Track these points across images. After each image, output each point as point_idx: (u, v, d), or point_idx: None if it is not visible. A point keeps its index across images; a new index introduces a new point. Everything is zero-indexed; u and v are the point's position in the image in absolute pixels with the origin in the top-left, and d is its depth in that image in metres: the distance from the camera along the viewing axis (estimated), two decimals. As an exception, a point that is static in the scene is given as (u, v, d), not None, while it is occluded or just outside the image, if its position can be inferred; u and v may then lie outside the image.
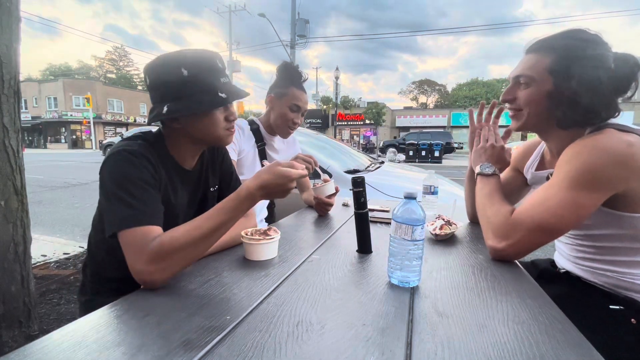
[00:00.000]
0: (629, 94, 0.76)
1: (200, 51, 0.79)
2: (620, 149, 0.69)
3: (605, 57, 0.74)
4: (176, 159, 0.85)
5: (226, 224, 0.70)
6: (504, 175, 1.17)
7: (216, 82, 0.78)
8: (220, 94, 0.77)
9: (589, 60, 0.73)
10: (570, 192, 0.71)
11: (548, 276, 0.96)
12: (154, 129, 0.89)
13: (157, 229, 0.69)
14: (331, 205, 1.34)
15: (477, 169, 0.99)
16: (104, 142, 16.75)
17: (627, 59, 0.74)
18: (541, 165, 0.99)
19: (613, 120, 0.78)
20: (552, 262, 1.02)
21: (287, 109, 1.40)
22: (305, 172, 0.74)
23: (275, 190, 0.71)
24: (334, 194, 1.34)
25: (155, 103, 0.79)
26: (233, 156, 1.35)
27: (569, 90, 0.75)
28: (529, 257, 0.90)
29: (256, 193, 0.70)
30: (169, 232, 0.67)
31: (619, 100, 0.77)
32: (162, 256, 0.64)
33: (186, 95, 0.76)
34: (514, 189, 1.14)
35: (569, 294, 0.83)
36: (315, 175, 1.42)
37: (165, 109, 0.75)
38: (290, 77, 1.40)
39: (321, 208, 1.34)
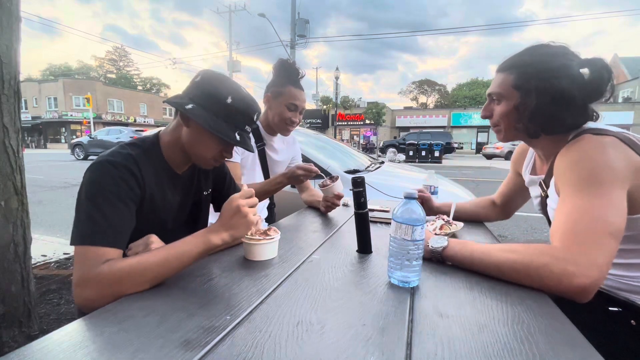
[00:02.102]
0: (606, 95, 0.77)
1: (251, 98, 0.84)
2: (599, 152, 0.70)
3: (567, 67, 0.77)
4: (169, 164, 0.86)
5: (180, 258, 0.68)
6: (507, 179, 1.19)
7: (241, 124, 0.83)
8: (236, 134, 0.81)
9: (548, 72, 0.77)
10: (596, 197, 0.67)
11: None
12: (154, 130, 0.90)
13: (112, 252, 0.67)
14: (341, 197, 1.34)
15: (434, 248, 0.81)
16: (72, 141, 16.57)
17: (594, 63, 0.76)
18: (534, 169, 1.00)
19: (590, 125, 0.80)
20: None
21: (284, 108, 1.38)
22: (251, 191, 0.77)
23: (230, 218, 0.73)
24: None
25: (185, 95, 0.81)
26: (236, 158, 1.34)
27: (531, 103, 0.80)
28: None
29: (213, 227, 0.73)
30: (120, 260, 0.66)
31: (595, 103, 0.79)
32: (108, 283, 0.63)
33: (214, 112, 0.78)
34: (518, 191, 1.15)
35: None
36: (317, 176, 1.42)
37: (190, 105, 0.77)
38: (286, 75, 1.38)
39: (329, 206, 1.35)
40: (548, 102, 0.78)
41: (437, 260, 0.81)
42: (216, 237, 0.72)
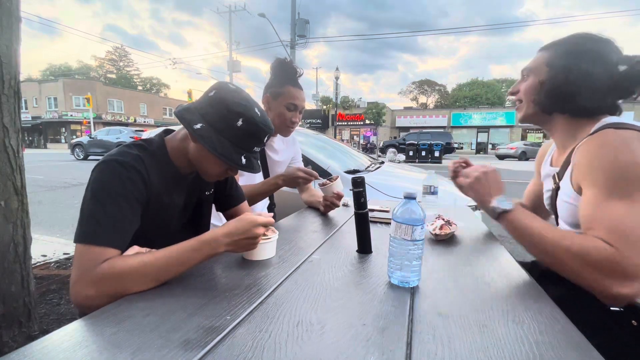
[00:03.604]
0: (635, 94, 0.78)
1: (264, 119, 0.81)
2: (626, 150, 0.69)
3: (602, 55, 0.77)
4: (175, 165, 0.86)
5: (184, 263, 0.68)
6: (532, 181, 1.15)
7: (249, 147, 0.81)
8: (242, 158, 0.80)
9: (584, 54, 0.78)
10: (628, 199, 0.66)
11: (550, 277, 0.95)
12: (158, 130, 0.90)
13: (112, 253, 0.67)
14: (341, 196, 1.34)
15: (496, 206, 0.81)
16: (72, 141, 16.53)
17: (631, 60, 0.75)
18: (552, 162, 0.98)
19: (611, 120, 0.78)
20: None
21: (284, 108, 1.36)
22: (271, 220, 0.76)
23: (241, 237, 0.71)
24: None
25: (196, 110, 0.78)
26: None
27: (557, 79, 0.81)
28: (531, 257, 0.89)
29: (221, 239, 0.70)
30: (122, 259, 0.66)
31: (622, 99, 0.80)
32: (107, 282, 0.63)
33: (222, 134, 0.77)
34: (542, 191, 1.13)
35: (571, 295, 0.82)
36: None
37: (198, 125, 0.76)
38: (285, 75, 1.37)
39: (328, 206, 1.35)
40: (569, 80, 0.78)
41: (491, 216, 0.83)
42: (222, 248, 0.72)
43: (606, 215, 0.68)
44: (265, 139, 0.84)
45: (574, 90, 0.79)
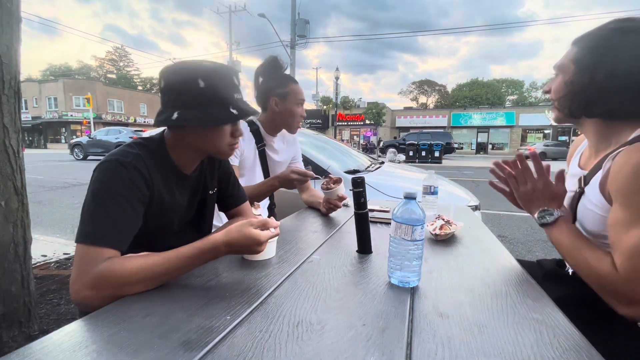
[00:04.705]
0: None
1: (219, 65, 0.79)
2: None
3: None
4: (176, 164, 0.85)
5: (182, 269, 0.68)
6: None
7: (230, 97, 0.78)
8: (232, 110, 0.77)
9: (614, 49, 0.69)
10: None
11: (555, 276, 0.94)
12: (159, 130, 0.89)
13: (112, 253, 0.67)
14: (344, 199, 1.35)
15: (537, 220, 0.81)
16: (72, 141, 16.55)
17: None
18: (580, 163, 0.92)
19: None
20: (558, 262, 1.01)
21: (294, 106, 1.41)
22: (277, 232, 0.74)
23: (242, 250, 0.71)
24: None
25: (165, 107, 0.78)
26: (234, 161, 1.35)
27: (582, 81, 0.73)
28: (534, 257, 0.88)
29: (222, 248, 0.69)
30: (120, 261, 0.65)
31: None
32: (105, 284, 0.63)
33: (199, 105, 0.75)
34: None
35: (577, 295, 0.81)
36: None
37: (175, 115, 0.75)
38: (282, 74, 1.42)
39: (332, 208, 1.35)
40: (595, 82, 0.71)
41: (540, 223, 0.80)
42: (221, 255, 0.71)
43: (629, 240, 0.65)
44: (236, 79, 0.81)
45: (600, 93, 0.71)
